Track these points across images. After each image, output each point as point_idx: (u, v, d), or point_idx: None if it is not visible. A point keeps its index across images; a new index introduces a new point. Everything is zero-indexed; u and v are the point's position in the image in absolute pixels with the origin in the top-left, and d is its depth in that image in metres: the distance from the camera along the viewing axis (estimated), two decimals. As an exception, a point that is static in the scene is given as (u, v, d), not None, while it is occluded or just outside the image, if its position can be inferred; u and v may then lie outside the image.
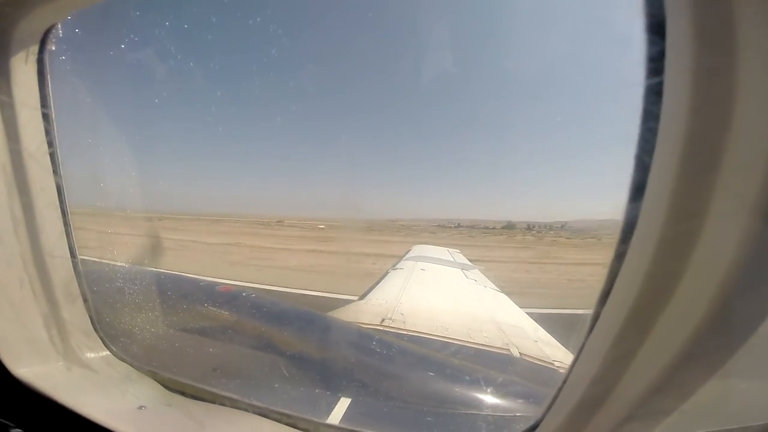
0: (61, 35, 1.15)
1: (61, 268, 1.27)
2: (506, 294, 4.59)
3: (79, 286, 1.32)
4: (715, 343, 0.56)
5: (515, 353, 2.42)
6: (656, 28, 0.55)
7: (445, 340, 2.49)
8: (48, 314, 1.25)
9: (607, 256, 0.68)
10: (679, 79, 0.53)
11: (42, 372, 1.21)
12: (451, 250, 9.78)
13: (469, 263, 7.63)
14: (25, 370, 1.18)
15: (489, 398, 1.62)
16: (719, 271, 0.51)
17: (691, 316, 0.55)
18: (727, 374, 0.58)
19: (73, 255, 1.31)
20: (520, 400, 1.58)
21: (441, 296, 4.31)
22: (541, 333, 3.09)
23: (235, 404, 1.23)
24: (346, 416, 1.34)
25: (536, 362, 2.34)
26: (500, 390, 1.67)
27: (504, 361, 2.30)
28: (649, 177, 0.59)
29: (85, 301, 1.35)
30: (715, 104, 0.50)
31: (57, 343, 1.28)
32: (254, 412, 1.20)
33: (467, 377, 1.85)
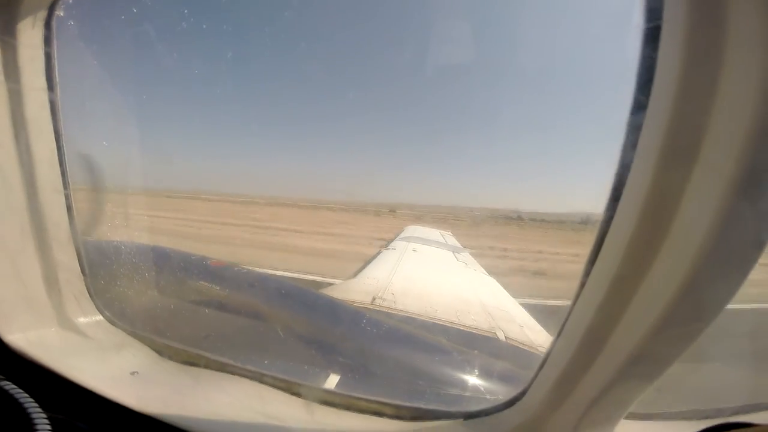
0: (70, 1, 1.13)
1: (58, 214, 1.26)
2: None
3: (74, 242, 1.31)
4: (688, 318, 0.59)
5: (501, 337, 2.47)
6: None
7: (434, 320, 2.54)
8: (45, 269, 1.24)
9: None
10: (671, 55, 0.55)
11: (35, 338, 1.21)
12: (443, 232, 9.85)
13: (460, 246, 7.71)
14: (18, 336, 1.18)
15: (473, 379, 1.66)
16: (693, 247, 0.54)
17: (666, 291, 0.58)
18: (700, 355, 0.62)
19: (68, 198, 1.29)
20: (504, 383, 1.62)
21: (431, 278, 4.37)
22: (528, 318, 3.16)
23: (227, 369, 1.24)
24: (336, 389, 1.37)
25: (521, 347, 2.39)
26: (485, 371, 1.71)
27: (490, 344, 2.36)
28: (633, 161, 0.62)
29: (80, 260, 1.35)
30: (701, 84, 0.52)
31: (52, 303, 1.28)
32: (246, 377, 1.21)
33: (454, 357, 1.89)
